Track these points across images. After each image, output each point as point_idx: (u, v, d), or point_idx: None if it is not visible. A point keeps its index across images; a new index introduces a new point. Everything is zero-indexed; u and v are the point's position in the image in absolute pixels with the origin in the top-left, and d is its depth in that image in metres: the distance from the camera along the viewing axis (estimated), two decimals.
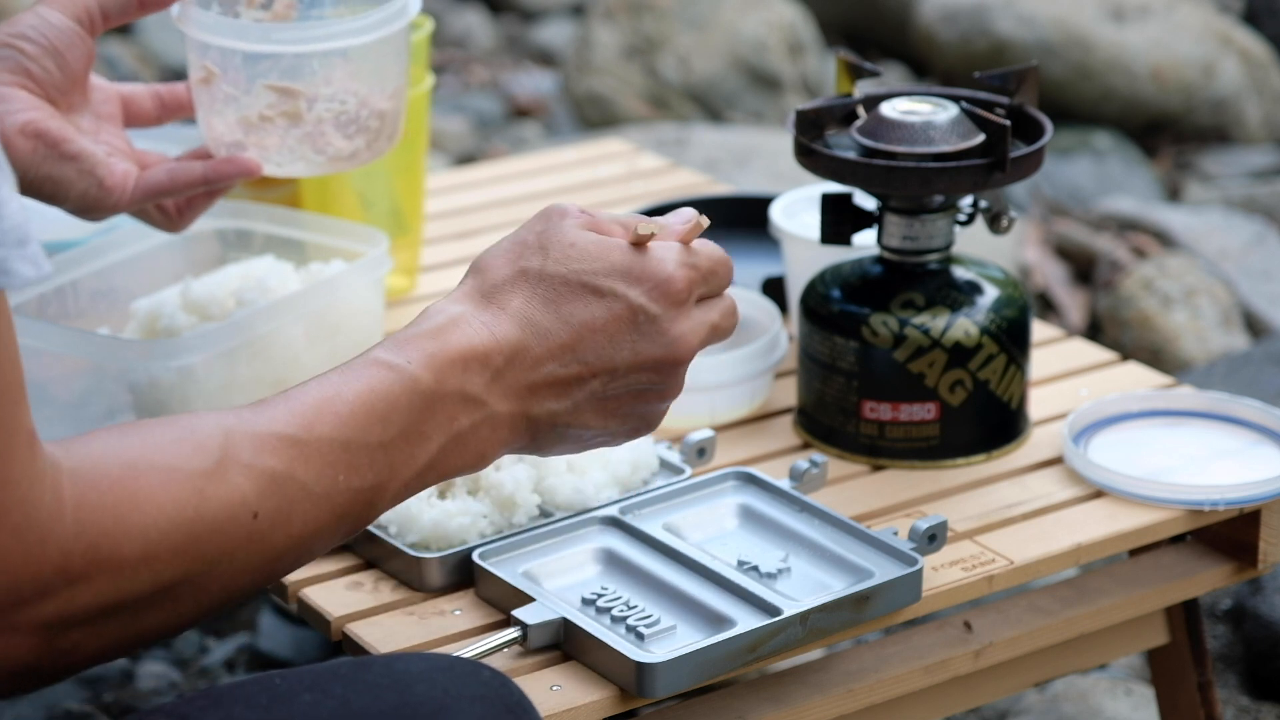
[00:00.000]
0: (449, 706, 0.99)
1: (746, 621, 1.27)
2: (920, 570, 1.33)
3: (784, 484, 1.43)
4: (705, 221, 1.18)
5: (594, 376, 1.12)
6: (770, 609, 1.28)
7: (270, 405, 1.04)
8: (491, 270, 1.13)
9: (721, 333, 1.17)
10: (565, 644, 1.27)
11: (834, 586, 1.33)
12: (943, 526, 1.36)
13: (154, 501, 0.97)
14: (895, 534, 1.37)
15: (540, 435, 1.13)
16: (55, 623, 0.95)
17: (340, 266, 1.58)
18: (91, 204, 1.35)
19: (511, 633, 1.26)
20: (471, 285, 1.13)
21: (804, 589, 1.32)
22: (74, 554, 0.94)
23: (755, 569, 1.34)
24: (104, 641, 0.97)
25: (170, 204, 1.43)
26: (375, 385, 1.06)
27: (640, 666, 1.22)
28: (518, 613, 1.27)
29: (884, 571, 1.33)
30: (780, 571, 1.34)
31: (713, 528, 1.40)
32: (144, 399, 1.46)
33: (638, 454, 1.44)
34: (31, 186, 1.33)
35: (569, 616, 1.27)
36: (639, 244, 1.13)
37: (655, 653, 1.24)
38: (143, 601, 0.97)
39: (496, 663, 1.25)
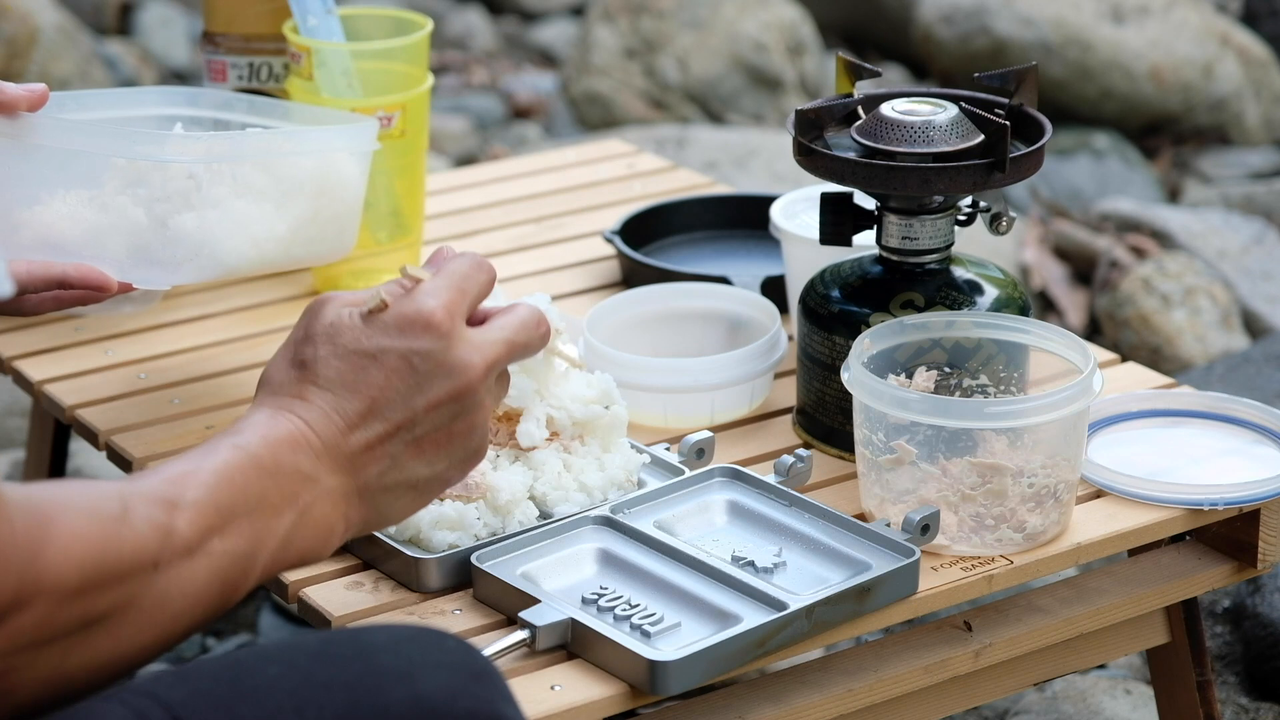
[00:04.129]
0: (413, 674, 1.00)
1: (753, 617, 1.28)
2: (917, 560, 1.33)
3: (771, 479, 1.43)
4: (419, 274, 1.20)
5: (400, 429, 1.16)
6: (775, 603, 1.29)
7: (143, 476, 1.08)
8: (275, 377, 1.17)
9: (524, 346, 1.21)
10: (572, 644, 1.28)
11: (831, 580, 1.33)
12: (935, 516, 1.36)
13: (81, 536, 0.99)
14: (888, 525, 1.37)
15: (378, 500, 1.17)
16: (4, 651, 0.96)
17: (332, 129, 1.56)
18: None
19: (520, 635, 1.26)
20: (264, 397, 1.17)
21: (802, 583, 1.33)
22: (26, 578, 0.96)
23: (751, 564, 1.34)
24: (36, 680, 0.99)
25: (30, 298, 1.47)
26: (228, 460, 1.10)
27: (653, 665, 1.23)
28: (525, 614, 1.27)
29: (881, 563, 1.33)
30: (776, 566, 1.34)
31: (703, 524, 1.40)
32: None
33: (628, 455, 1.44)
34: None
35: (575, 617, 1.27)
36: (374, 313, 1.16)
37: (665, 650, 1.24)
38: (71, 634, 0.99)
39: (501, 663, 1.25)
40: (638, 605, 1.29)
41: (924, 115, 1.49)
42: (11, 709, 0.99)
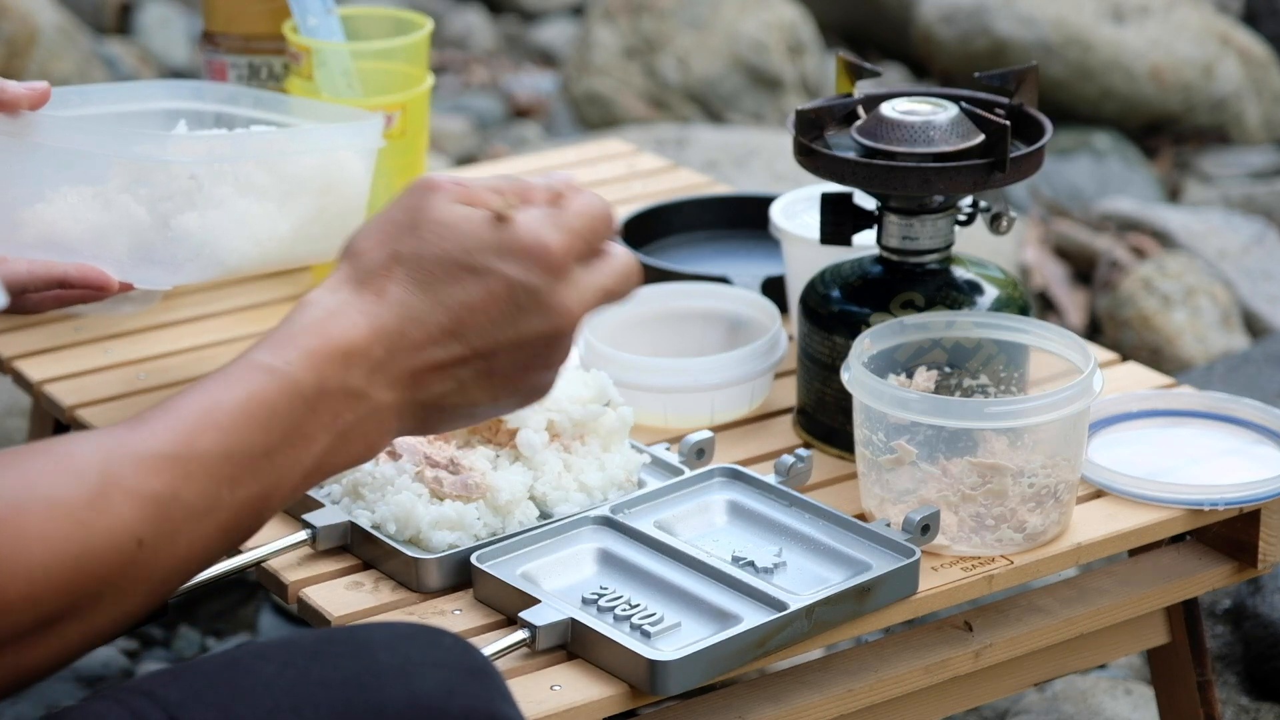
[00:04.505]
0: (410, 672, 1.00)
1: (753, 617, 1.28)
2: (917, 560, 1.33)
3: (770, 479, 1.43)
4: (572, 181, 1.13)
5: (478, 356, 1.08)
6: (775, 603, 1.29)
7: (148, 421, 1.01)
8: (365, 254, 1.09)
9: (616, 295, 1.13)
10: (572, 644, 1.28)
11: (831, 580, 1.33)
12: (935, 516, 1.36)
13: (38, 538, 0.94)
14: (888, 525, 1.37)
15: (429, 417, 1.10)
16: None
17: (336, 127, 1.54)
18: None
19: (520, 634, 1.26)
20: (347, 271, 1.09)
21: (803, 583, 1.33)
22: None
23: (751, 564, 1.34)
24: None
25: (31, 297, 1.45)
26: (255, 391, 1.02)
27: (654, 664, 1.23)
28: (525, 614, 1.27)
29: (881, 563, 1.33)
30: (776, 566, 1.34)
31: (703, 524, 1.40)
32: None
33: (628, 455, 1.44)
34: None
35: (575, 617, 1.27)
36: (502, 220, 1.08)
37: (666, 650, 1.24)
38: (24, 638, 0.95)
39: (500, 664, 1.25)
40: (638, 605, 1.29)
41: (924, 115, 1.49)
42: None
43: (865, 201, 1.55)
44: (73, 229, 1.44)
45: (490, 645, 1.25)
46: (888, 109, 1.50)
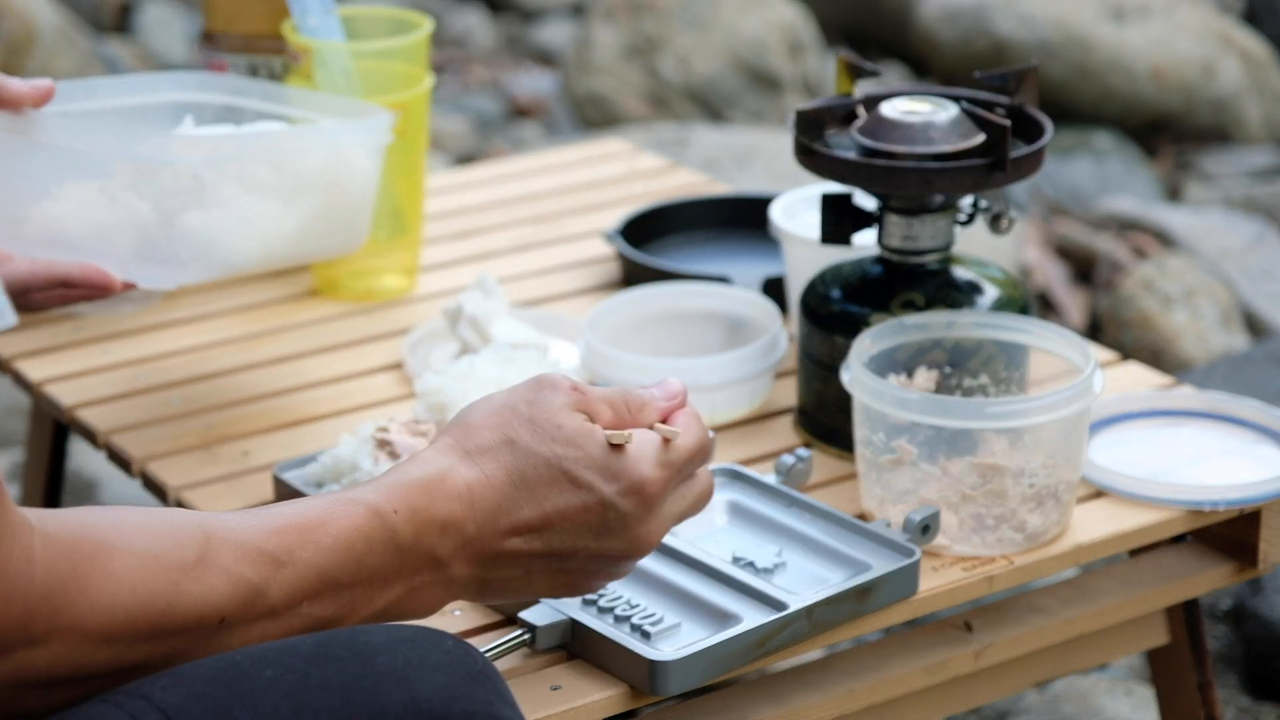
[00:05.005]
0: (411, 676, 1.00)
1: (753, 617, 1.27)
2: (918, 561, 1.33)
3: (770, 479, 1.43)
4: (684, 396, 1.19)
5: (554, 556, 1.14)
6: (775, 604, 1.29)
7: (253, 517, 1.06)
8: (478, 431, 1.14)
9: (687, 516, 1.20)
10: (572, 644, 1.28)
11: (832, 580, 1.33)
12: (935, 517, 1.36)
13: (126, 583, 0.98)
14: (888, 525, 1.37)
15: (487, 591, 1.15)
16: (10, 682, 0.96)
17: (343, 124, 1.54)
18: None
19: (519, 634, 1.26)
20: (458, 440, 1.14)
21: (803, 583, 1.33)
22: (38, 615, 0.95)
23: (751, 564, 1.34)
24: (52, 707, 0.98)
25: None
26: (360, 525, 1.08)
27: (653, 665, 1.23)
28: (525, 614, 1.27)
29: (881, 563, 1.33)
30: (776, 566, 1.34)
31: (703, 525, 1.40)
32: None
33: None
34: None
35: (575, 617, 1.27)
36: (615, 449, 1.14)
37: (666, 650, 1.24)
38: (98, 678, 0.99)
39: (501, 664, 1.25)
40: (638, 605, 1.29)
41: (924, 115, 1.49)
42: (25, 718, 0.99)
43: (865, 201, 1.55)
44: (77, 226, 1.44)
45: (490, 645, 1.25)
46: (888, 109, 1.50)
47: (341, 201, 1.51)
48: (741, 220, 1.94)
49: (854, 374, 1.40)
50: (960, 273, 1.53)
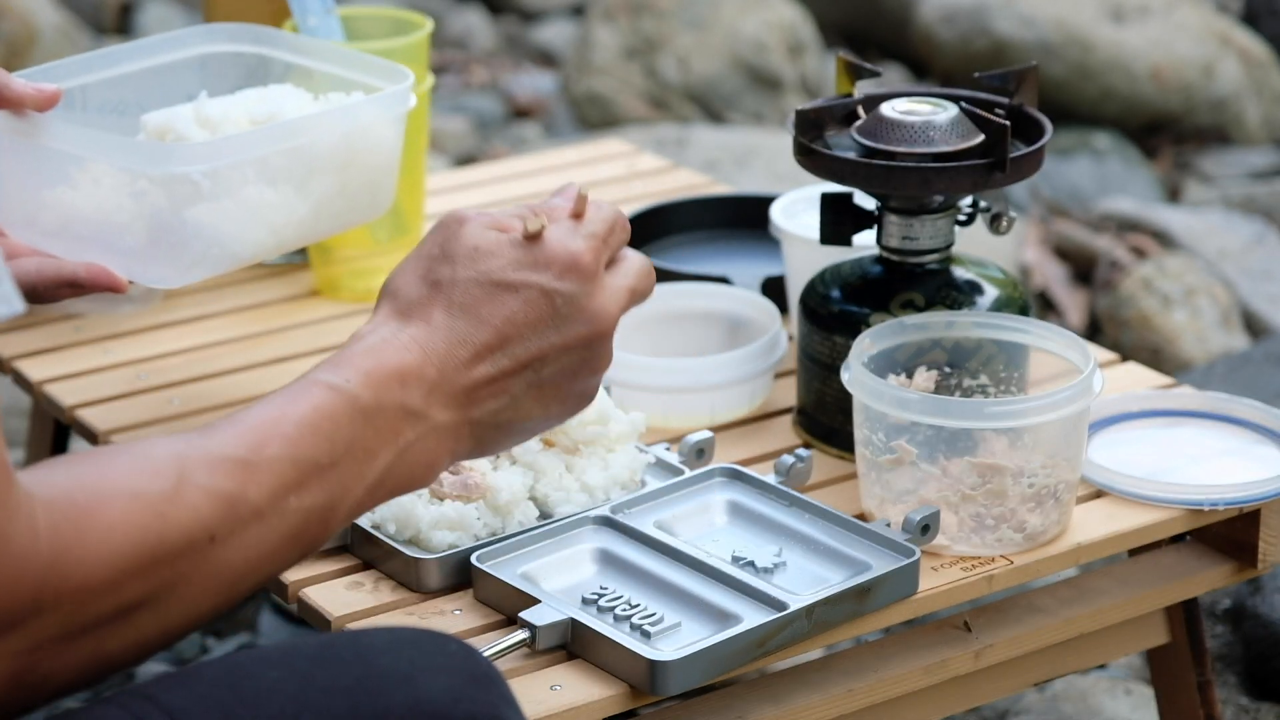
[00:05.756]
0: (414, 678, 1.00)
1: (753, 617, 1.28)
2: (918, 561, 1.33)
3: (770, 479, 1.43)
4: (587, 193, 1.20)
5: (525, 368, 1.14)
6: (775, 603, 1.29)
7: (218, 429, 1.06)
8: (404, 290, 1.14)
9: (640, 295, 1.20)
10: (572, 644, 1.28)
11: (831, 580, 1.33)
12: (935, 516, 1.36)
13: (119, 527, 0.98)
14: (888, 525, 1.37)
15: (485, 435, 1.15)
16: (26, 650, 0.96)
17: (360, 98, 1.51)
18: None
19: (520, 634, 1.26)
20: (389, 308, 1.14)
21: (803, 583, 1.33)
22: (47, 585, 0.95)
23: (751, 564, 1.34)
24: (70, 667, 0.98)
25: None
26: (319, 405, 1.07)
27: (654, 664, 1.23)
28: (525, 614, 1.27)
29: (881, 563, 1.33)
30: (776, 566, 1.34)
31: (703, 524, 1.40)
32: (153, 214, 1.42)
33: (632, 455, 1.44)
34: None
35: (575, 617, 1.27)
36: (533, 238, 1.15)
37: (665, 650, 1.24)
38: (105, 624, 0.98)
39: (501, 664, 1.25)
40: (638, 605, 1.29)
41: (924, 115, 1.49)
42: (52, 692, 0.98)
43: (865, 201, 1.55)
44: (94, 216, 1.42)
45: (490, 645, 1.25)
46: (888, 109, 1.50)
47: (360, 176, 1.48)
48: (741, 220, 1.94)
49: (854, 374, 1.40)
50: (960, 273, 1.54)
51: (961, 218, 1.54)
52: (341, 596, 1.34)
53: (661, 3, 3.70)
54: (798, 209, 1.74)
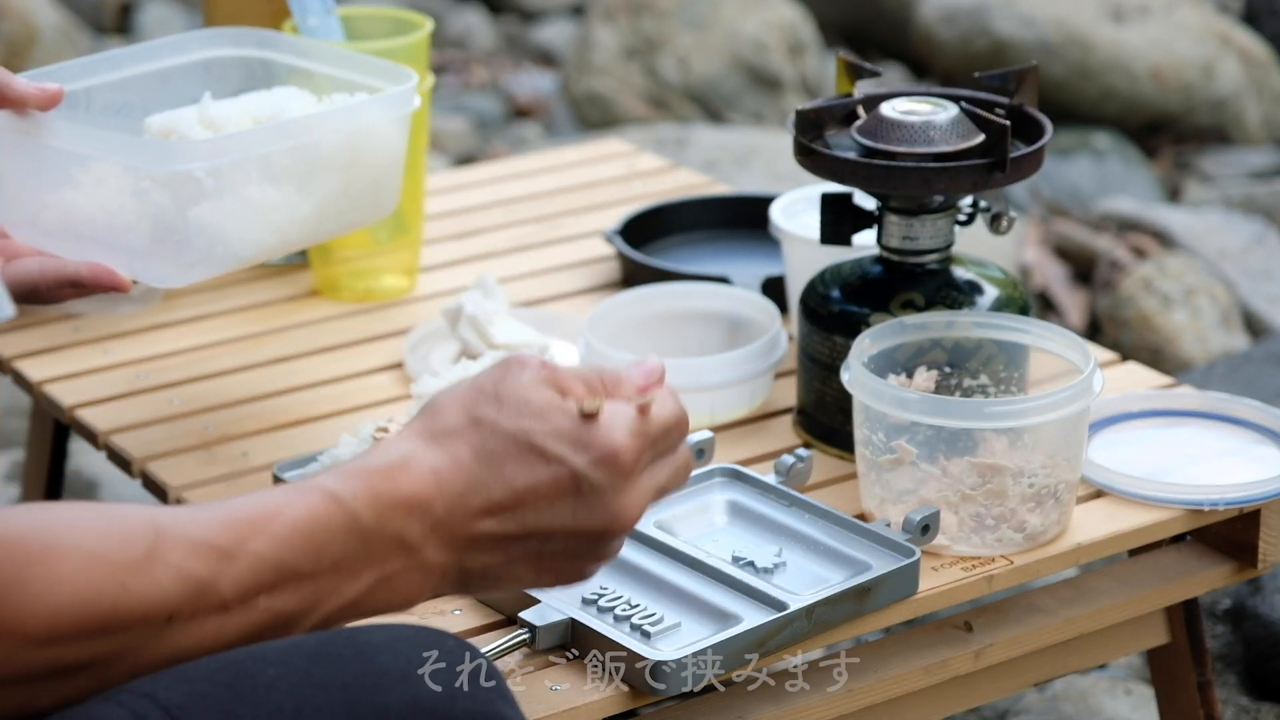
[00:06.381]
0: (413, 676, 1.00)
1: (752, 617, 1.28)
2: (918, 561, 1.33)
3: (771, 479, 1.43)
4: (663, 378, 1.14)
5: (531, 537, 1.09)
6: (775, 603, 1.29)
7: (206, 510, 1.03)
8: (445, 413, 1.10)
9: (667, 491, 1.14)
10: (572, 644, 1.28)
11: (832, 580, 1.33)
12: (935, 516, 1.36)
13: (69, 583, 0.96)
14: (888, 525, 1.37)
15: (470, 582, 1.11)
16: None
17: (364, 98, 1.50)
18: None
19: (520, 634, 1.26)
20: (423, 425, 1.10)
21: (803, 583, 1.33)
22: None
23: (751, 564, 1.34)
24: (3, 707, 0.96)
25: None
26: (318, 512, 1.04)
27: (654, 664, 1.23)
28: (525, 614, 1.27)
29: (881, 563, 1.33)
30: (776, 566, 1.34)
31: (703, 524, 1.40)
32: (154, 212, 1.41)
33: None
34: None
35: (575, 617, 1.27)
36: (588, 418, 1.09)
37: (665, 650, 1.24)
38: (39, 679, 0.96)
39: (501, 664, 1.25)
40: (638, 605, 1.29)
41: (924, 115, 1.49)
42: None
43: (865, 201, 1.55)
44: (96, 216, 1.42)
45: (490, 645, 1.25)
46: (888, 109, 1.50)
47: (363, 176, 1.47)
48: (741, 220, 1.94)
49: (854, 374, 1.40)
50: (960, 273, 1.54)
51: (961, 218, 1.54)
52: None
53: (661, 3, 3.70)
54: (798, 209, 1.74)
